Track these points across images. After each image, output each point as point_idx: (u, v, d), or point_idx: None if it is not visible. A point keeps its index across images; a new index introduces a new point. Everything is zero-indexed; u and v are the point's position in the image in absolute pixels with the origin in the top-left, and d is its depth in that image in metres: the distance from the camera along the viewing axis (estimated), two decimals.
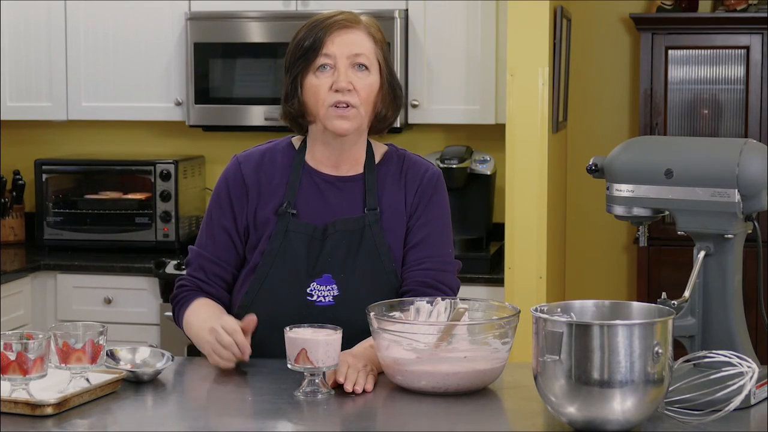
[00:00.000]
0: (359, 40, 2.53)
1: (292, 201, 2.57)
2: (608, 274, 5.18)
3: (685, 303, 2.25)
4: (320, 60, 2.51)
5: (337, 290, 2.54)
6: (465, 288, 4.19)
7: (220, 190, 2.64)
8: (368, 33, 2.55)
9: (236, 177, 2.62)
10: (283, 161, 2.62)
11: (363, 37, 2.54)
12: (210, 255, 2.62)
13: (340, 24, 2.52)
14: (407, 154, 2.67)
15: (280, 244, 2.55)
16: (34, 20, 4.91)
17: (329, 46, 2.51)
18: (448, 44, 4.60)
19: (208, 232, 2.65)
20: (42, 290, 4.67)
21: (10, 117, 4.98)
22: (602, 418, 1.99)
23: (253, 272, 2.57)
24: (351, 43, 2.52)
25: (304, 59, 2.52)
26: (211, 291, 2.62)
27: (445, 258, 2.61)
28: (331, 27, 2.52)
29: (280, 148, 2.65)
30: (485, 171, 4.63)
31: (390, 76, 2.58)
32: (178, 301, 2.65)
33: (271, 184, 2.60)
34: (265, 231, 2.58)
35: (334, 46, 2.51)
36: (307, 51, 2.52)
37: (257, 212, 2.59)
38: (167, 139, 5.20)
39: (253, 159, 2.63)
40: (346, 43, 2.52)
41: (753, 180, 2.20)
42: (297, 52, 2.54)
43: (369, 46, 2.54)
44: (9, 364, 2.13)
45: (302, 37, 2.54)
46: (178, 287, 2.66)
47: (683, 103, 4.81)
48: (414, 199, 2.61)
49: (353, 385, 2.26)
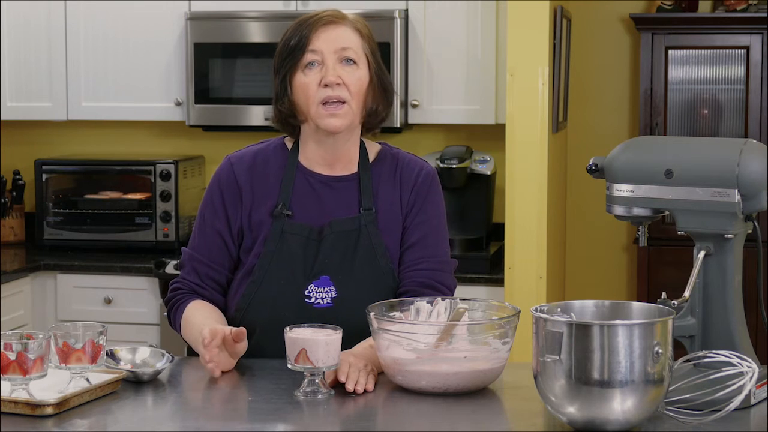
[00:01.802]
0: (345, 35, 2.52)
1: (287, 202, 2.56)
2: (608, 274, 5.18)
3: (685, 303, 2.25)
4: (307, 57, 2.50)
5: (335, 292, 2.53)
6: (465, 288, 4.22)
7: (212, 191, 2.62)
8: (354, 28, 2.54)
9: (229, 178, 2.60)
10: (276, 162, 2.61)
11: (349, 32, 2.53)
12: (203, 258, 2.61)
13: (326, 20, 2.52)
14: (400, 152, 2.66)
15: (276, 246, 2.54)
16: (34, 20, 4.91)
17: (315, 42, 2.50)
18: (448, 44, 4.60)
19: (200, 234, 2.63)
20: (42, 290, 4.67)
21: (10, 117, 4.98)
22: (602, 418, 1.99)
23: (249, 275, 2.56)
24: (337, 37, 2.51)
25: (291, 58, 2.51)
26: (205, 294, 2.61)
27: (442, 257, 2.61)
28: (317, 23, 2.51)
29: (273, 149, 2.63)
30: (485, 171, 4.63)
31: (379, 71, 2.57)
32: (173, 304, 2.63)
33: (264, 185, 2.58)
34: (260, 233, 2.56)
35: (320, 42, 2.50)
36: (293, 49, 2.51)
37: (251, 214, 2.57)
38: (167, 139, 5.20)
39: (246, 160, 2.61)
40: (332, 38, 2.51)
41: (753, 180, 2.20)
42: (284, 52, 2.53)
43: (356, 41, 2.53)
44: (9, 364, 2.13)
45: (288, 36, 2.54)
46: (173, 290, 2.64)
47: (683, 103, 4.81)
48: (410, 198, 2.60)
49: (355, 384, 2.26)
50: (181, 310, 2.60)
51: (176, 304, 2.62)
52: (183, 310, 2.59)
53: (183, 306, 2.60)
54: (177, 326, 2.63)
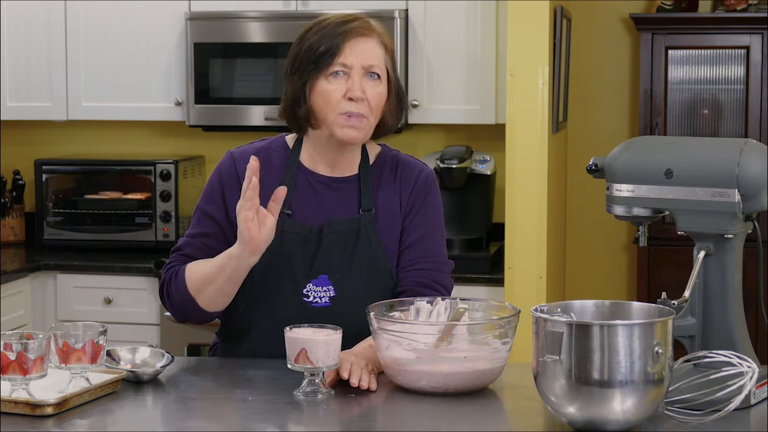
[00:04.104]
0: (374, 50, 2.52)
1: (287, 201, 2.56)
2: (608, 274, 5.18)
3: (685, 303, 2.25)
4: (335, 67, 2.49)
5: (334, 291, 2.53)
6: (465, 288, 4.23)
7: (213, 184, 2.61)
8: (381, 42, 2.53)
9: (230, 172, 2.60)
10: (277, 160, 2.61)
11: (376, 45, 2.53)
12: (200, 244, 2.57)
13: (357, 32, 2.50)
14: (400, 154, 2.67)
15: (275, 245, 2.53)
16: (34, 20, 4.91)
17: (347, 54, 2.49)
18: (448, 44, 4.60)
19: (199, 223, 2.60)
20: (42, 290, 4.67)
21: (10, 117, 4.98)
22: (602, 418, 1.99)
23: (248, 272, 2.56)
24: (367, 51, 2.50)
25: (316, 64, 2.50)
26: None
27: (439, 258, 2.61)
28: (349, 35, 2.50)
29: (275, 147, 2.63)
30: (485, 171, 4.63)
31: (397, 84, 2.58)
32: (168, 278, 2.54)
33: (265, 183, 2.57)
34: None
35: (351, 54, 2.49)
36: (321, 56, 2.49)
37: None
38: (167, 139, 5.20)
39: (248, 156, 2.59)
40: (363, 51, 2.50)
41: (753, 180, 2.20)
42: (309, 57, 2.50)
43: (381, 55, 2.53)
44: (9, 364, 2.13)
45: (315, 41, 2.50)
46: (165, 270, 2.57)
47: (683, 103, 4.81)
48: (409, 200, 2.61)
49: (359, 380, 2.26)
50: (181, 274, 2.52)
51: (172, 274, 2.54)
52: (183, 273, 2.52)
53: (181, 270, 2.52)
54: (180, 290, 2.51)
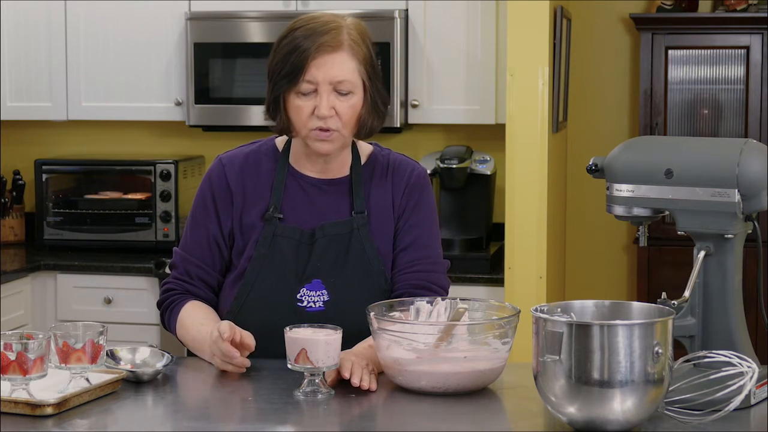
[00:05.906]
0: (342, 65, 2.46)
1: (278, 205, 2.55)
2: (608, 274, 5.18)
3: (685, 303, 2.25)
4: (302, 85, 2.46)
5: (328, 295, 2.52)
6: (465, 288, 4.23)
7: (203, 192, 2.61)
8: (351, 53, 2.47)
9: (220, 180, 2.59)
10: (267, 164, 2.60)
11: (346, 59, 2.47)
12: (195, 259, 2.59)
13: (323, 48, 2.45)
14: (391, 154, 2.65)
15: (267, 249, 2.53)
16: (34, 20, 4.91)
17: (314, 72, 2.45)
18: (448, 44, 4.60)
19: (192, 235, 2.61)
20: (42, 290, 4.67)
21: (10, 117, 4.98)
22: (602, 418, 1.99)
23: (241, 278, 2.55)
24: (333, 67, 2.45)
25: (287, 80, 2.48)
26: (199, 294, 2.60)
27: (435, 259, 2.60)
28: (316, 51, 2.44)
29: (265, 150, 2.62)
30: (485, 171, 4.63)
31: (374, 91, 2.52)
32: (167, 306, 2.62)
33: (255, 187, 2.57)
34: (251, 235, 2.55)
35: (319, 73, 2.45)
36: (288, 74, 2.47)
37: (243, 216, 2.56)
38: (167, 139, 5.20)
39: (238, 161, 2.60)
40: (328, 67, 2.45)
41: (753, 180, 2.20)
42: (280, 71, 2.49)
43: (351, 68, 2.47)
44: (9, 364, 2.13)
45: (283, 58, 2.48)
46: (165, 291, 2.63)
47: (683, 103, 4.81)
48: (402, 200, 2.59)
49: (360, 380, 2.26)
50: (177, 311, 2.59)
51: (171, 306, 2.61)
52: (178, 311, 2.58)
53: (178, 307, 2.59)
54: (172, 327, 2.61)
